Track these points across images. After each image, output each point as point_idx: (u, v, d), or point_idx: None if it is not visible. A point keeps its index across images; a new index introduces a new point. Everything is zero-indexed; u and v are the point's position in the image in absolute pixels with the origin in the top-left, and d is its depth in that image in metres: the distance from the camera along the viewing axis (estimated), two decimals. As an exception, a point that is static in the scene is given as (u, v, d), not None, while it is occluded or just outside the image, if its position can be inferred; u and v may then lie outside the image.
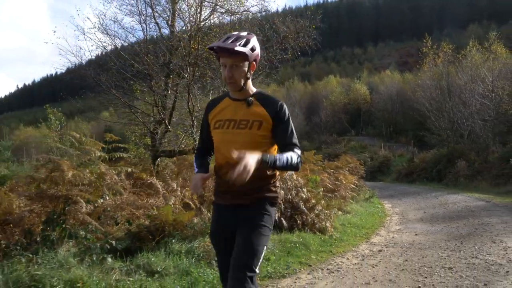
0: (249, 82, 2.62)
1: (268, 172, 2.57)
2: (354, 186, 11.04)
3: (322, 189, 8.42)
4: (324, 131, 44.74)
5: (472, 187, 17.53)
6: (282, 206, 6.49)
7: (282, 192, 6.52)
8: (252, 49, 2.52)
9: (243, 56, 2.48)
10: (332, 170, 11.40)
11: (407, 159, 27.57)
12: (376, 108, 47.95)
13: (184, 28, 9.06)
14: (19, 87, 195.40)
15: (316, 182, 8.36)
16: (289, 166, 2.43)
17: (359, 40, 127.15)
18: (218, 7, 8.79)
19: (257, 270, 2.41)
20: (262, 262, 4.77)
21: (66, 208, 4.56)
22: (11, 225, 5.04)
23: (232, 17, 8.82)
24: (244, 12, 9.06)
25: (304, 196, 6.91)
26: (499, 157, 18.68)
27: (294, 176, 7.29)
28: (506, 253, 5.73)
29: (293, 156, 2.45)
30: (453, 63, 25.02)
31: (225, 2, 8.78)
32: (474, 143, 22.08)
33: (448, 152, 22.91)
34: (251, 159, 2.20)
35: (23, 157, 25.02)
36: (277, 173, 2.67)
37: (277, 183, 2.68)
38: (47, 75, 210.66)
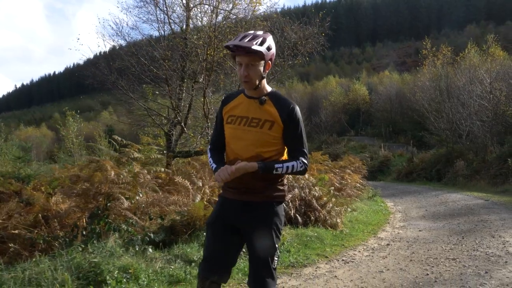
0: (264, 81, 2.63)
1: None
2: (359, 185, 11.53)
3: (333, 187, 8.91)
4: (324, 131, 45.18)
5: (471, 186, 17.93)
6: (297, 203, 6.99)
7: (297, 190, 7.02)
8: (268, 48, 2.54)
9: (259, 55, 2.50)
10: (337, 170, 11.87)
11: (406, 159, 27.99)
12: (375, 108, 48.41)
13: (198, 35, 9.51)
14: (17, 86, 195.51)
15: (325, 181, 8.84)
16: (290, 173, 2.59)
17: (357, 40, 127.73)
18: (231, 15, 9.26)
19: (274, 266, 2.60)
20: (282, 253, 5.29)
21: (108, 204, 5.04)
22: (56, 220, 5.54)
23: (244, 24, 9.26)
24: (253, 21, 9.50)
25: (317, 194, 7.42)
26: (496, 157, 19.04)
27: (306, 176, 7.78)
28: (504, 246, 6.21)
29: (295, 165, 2.52)
30: (452, 65, 25.56)
31: (237, 11, 9.25)
32: (473, 143, 22.42)
33: (447, 152, 23.42)
34: (241, 166, 2.42)
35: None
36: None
37: (285, 181, 2.72)
38: (45, 75, 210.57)
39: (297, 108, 2.61)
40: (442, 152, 24.01)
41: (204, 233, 5.32)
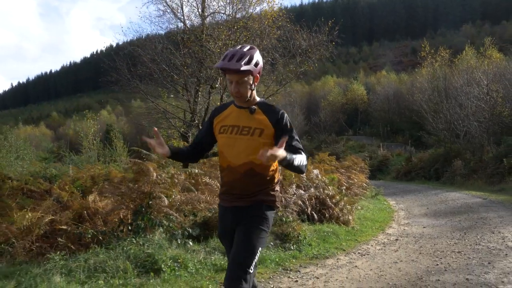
0: (254, 92, 2.76)
1: (267, 178, 2.71)
2: (365, 184, 12.12)
3: (344, 187, 9.50)
4: (323, 131, 45.77)
5: (469, 185, 18.40)
6: (313, 201, 7.58)
7: (312, 189, 7.60)
8: (256, 64, 2.67)
9: (248, 73, 2.64)
10: (343, 170, 12.44)
11: (405, 159, 28.50)
12: (373, 108, 48.98)
13: (215, 43, 10.06)
14: (13, 85, 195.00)
15: (334, 181, 9.42)
16: (300, 168, 2.57)
17: (354, 39, 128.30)
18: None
19: (251, 270, 2.53)
20: (305, 246, 5.86)
21: (150, 202, 5.61)
22: (100, 216, 6.09)
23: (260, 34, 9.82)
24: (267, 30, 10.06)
25: (330, 193, 8.01)
26: (493, 156, 19.49)
27: (319, 176, 8.38)
28: (504, 241, 6.79)
29: (303, 159, 2.57)
30: (449, 67, 26.17)
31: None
32: (470, 143, 22.93)
33: (445, 151, 23.92)
34: (280, 151, 2.33)
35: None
36: (277, 177, 2.81)
37: (277, 187, 2.80)
38: (42, 73, 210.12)
39: (286, 114, 2.75)
40: (440, 152, 24.50)
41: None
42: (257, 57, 2.69)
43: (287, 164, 2.45)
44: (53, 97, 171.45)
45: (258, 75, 2.73)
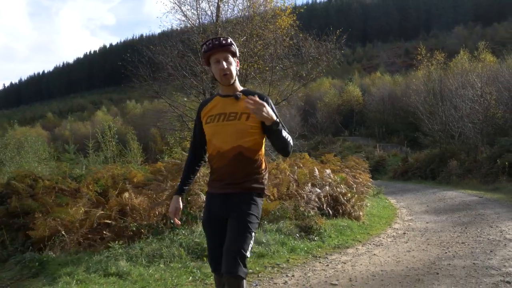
0: (237, 79, 2.90)
1: (255, 163, 2.80)
2: (369, 184, 12.81)
3: (355, 185, 10.20)
4: (320, 132, 46.54)
5: (464, 184, 18.94)
6: (328, 198, 8.27)
7: (327, 187, 8.29)
8: (236, 47, 2.87)
9: (233, 50, 2.82)
10: (347, 170, 13.12)
11: (401, 159, 29.23)
12: (368, 109, 49.88)
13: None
14: (5, 85, 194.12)
15: (343, 180, 10.10)
16: (287, 142, 2.68)
17: (347, 40, 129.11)
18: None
19: (248, 254, 2.62)
20: (326, 238, 6.53)
21: (189, 198, 6.26)
22: (141, 211, 6.73)
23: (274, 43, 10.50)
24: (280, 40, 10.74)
25: (342, 191, 8.71)
26: (487, 157, 19.93)
27: (331, 175, 9.07)
28: (502, 233, 7.49)
29: (289, 137, 2.69)
30: (445, 70, 26.98)
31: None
32: (464, 144, 23.50)
33: (440, 152, 24.50)
34: (270, 109, 2.50)
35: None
36: (265, 167, 2.90)
37: (265, 176, 2.88)
38: (34, 74, 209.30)
39: (270, 100, 2.81)
40: (436, 152, 25.10)
41: (265, 222, 6.57)
42: (235, 44, 2.88)
43: (275, 130, 2.56)
44: (46, 98, 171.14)
45: (238, 61, 2.92)
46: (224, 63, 2.77)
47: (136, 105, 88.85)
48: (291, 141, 2.70)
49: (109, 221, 6.59)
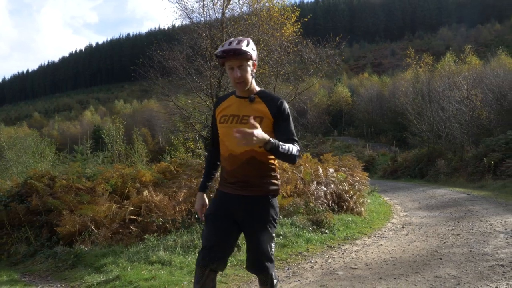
0: (253, 81, 2.84)
1: (268, 166, 2.81)
2: (366, 182, 13.45)
3: (357, 183, 10.86)
4: (310, 132, 47.29)
5: (451, 182, 19.61)
6: (334, 195, 8.92)
7: (333, 185, 8.95)
8: (253, 49, 2.78)
9: (248, 56, 2.72)
10: (343, 168, 13.77)
11: (390, 158, 29.92)
12: (357, 110, 50.83)
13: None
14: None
15: (344, 179, 10.75)
16: (288, 155, 2.58)
17: (334, 41, 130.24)
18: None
19: (273, 254, 2.85)
20: (336, 231, 7.16)
21: (211, 196, 6.83)
22: (165, 207, 7.29)
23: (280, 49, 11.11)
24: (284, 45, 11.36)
25: (346, 189, 9.37)
26: (473, 156, 20.57)
27: (335, 174, 9.72)
28: (492, 226, 8.19)
29: (293, 148, 2.61)
30: (432, 72, 27.89)
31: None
32: (451, 143, 24.30)
33: (428, 151, 25.11)
34: (260, 131, 2.36)
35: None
36: (277, 165, 2.90)
37: (278, 175, 2.91)
38: (18, 73, 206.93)
39: (285, 103, 2.81)
40: (424, 152, 25.71)
41: (280, 216, 7.17)
42: (252, 44, 2.80)
43: (271, 148, 2.47)
44: (31, 97, 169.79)
45: (255, 62, 2.84)
46: (238, 72, 2.73)
47: (125, 105, 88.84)
48: (293, 151, 2.62)
49: (135, 217, 7.14)
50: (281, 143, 2.52)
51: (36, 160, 14.21)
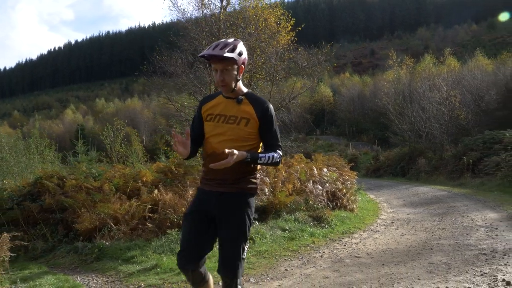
0: (240, 83, 2.86)
1: (250, 167, 2.85)
2: (355, 181, 14.17)
3: (349, 182, 11.58)
4: (294, 131, 48.07)
5: (432, 180, 20.42)
6: (329, 194, 9.63)
7: (328, 184, 9.66)
8: (240, 54, 2.76)
9: (232, 61, 2.72)
10: (334, 168, 14.45)
11: (372, 157, 30.73)
12: (339, 109, 51.88)
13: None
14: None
15: (337, 178, 11.46)
16: (269, 163, 2.79)
17: (315, 40, 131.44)
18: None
19: (244, 256, 2.83)
20: (334, 226, 7.86)
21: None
22: (174, 205, 7.87)
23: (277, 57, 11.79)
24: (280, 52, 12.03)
25: (339, 187, 10.09)
26: (452, 155, 21.52)
27: (328, 174, 10.44)
28: (473, 221, 8.98)
29: (275, 155, 2.77)
30: (412, 74, 28.88)
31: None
32: (431, 143, 25.18)
33: (410, 150, 25.90)
34: (235, 157, 2.56)
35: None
36: (258, 167, 2.96)
37: (257, 175, 2.98)
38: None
39: (271, 106, 2.87)
40: (405, 151, 26.49)
41: (284, 213, 7.85)
42: (241, 47, 2.80)
43: (251, 162, 2.71)
44: (8, 95, 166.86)
45: (242, 65, 2.84)
46: (220, 75, 2.77)
47: (106, 103, 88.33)
48: (273, 160, 2.81)
49: (151, 214, 7.71)
50: (260, 155, 2.75)
51: (37, 161, 14.47)
